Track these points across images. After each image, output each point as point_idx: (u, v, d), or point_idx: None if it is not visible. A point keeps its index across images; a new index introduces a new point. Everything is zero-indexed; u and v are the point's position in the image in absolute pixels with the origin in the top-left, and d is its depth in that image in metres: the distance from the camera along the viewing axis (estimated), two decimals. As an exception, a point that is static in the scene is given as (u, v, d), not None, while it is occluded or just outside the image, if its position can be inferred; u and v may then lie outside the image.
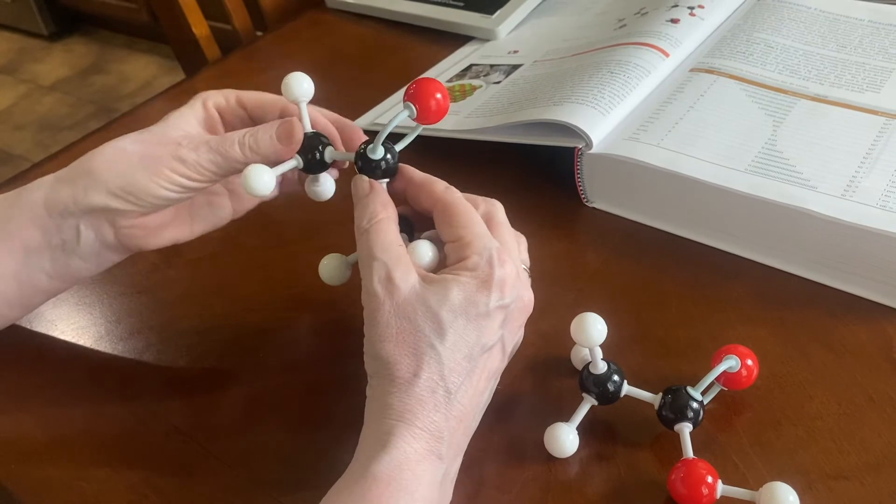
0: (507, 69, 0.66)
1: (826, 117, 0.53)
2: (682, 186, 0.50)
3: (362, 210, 0.38)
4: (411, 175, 0.40)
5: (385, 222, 0.37)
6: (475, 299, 0.36)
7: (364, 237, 0.37)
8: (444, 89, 0.38)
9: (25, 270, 0.43)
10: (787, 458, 0.39)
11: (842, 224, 0.45)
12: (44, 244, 0.42)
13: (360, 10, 0.82)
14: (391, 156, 0.40)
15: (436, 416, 0.35)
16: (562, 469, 0.39)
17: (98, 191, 0.40)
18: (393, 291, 0.35)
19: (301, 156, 0.41)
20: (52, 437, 0.43)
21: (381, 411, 0.35)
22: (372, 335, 0.36)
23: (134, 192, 0.40)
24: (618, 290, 0.49)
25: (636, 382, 0.40)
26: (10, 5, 2.54)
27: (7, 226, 0.42)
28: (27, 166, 0.70)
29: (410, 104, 0.38)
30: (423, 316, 0.35)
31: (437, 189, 0.39)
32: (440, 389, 0.35)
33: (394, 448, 0.34)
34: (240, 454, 0.41)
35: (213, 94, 0.44)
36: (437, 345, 0.35)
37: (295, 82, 0.41)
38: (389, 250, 0.36)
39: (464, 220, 0.38)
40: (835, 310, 0.45)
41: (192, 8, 0.85)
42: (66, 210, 0.41)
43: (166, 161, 0.40)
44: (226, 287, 0.51)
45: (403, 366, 0.35)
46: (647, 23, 0.63)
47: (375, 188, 0.39)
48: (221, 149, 0.40)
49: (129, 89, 2.29)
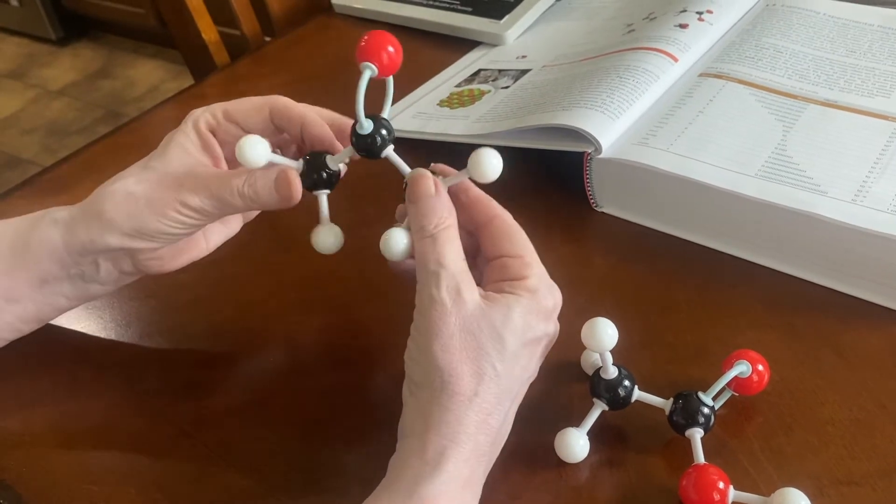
0: (516, 74, 0.66)
1: (836, 122, 0.53)
2: (691, 191, 0.50)
3: (428, 212, 0.37)
4: (468, 187, 0.39)
5: (452, 230, 0.37)
6: (532, 324, 0.36)
7: (430, 243, 0.36)
8: (393, 39, 0.38)
9: (43, 296, 0.44)
10: (798, 464, 0.38)
11: (852, 229, 0.45)
12: (62, 275, 0.43)
13: (368, 14, 0.82)
14: (384, 124, 0.39)
15: (484, 441, 0.35)
16: (572, 474, 0.39)
17: (112, 233, 0.41)
18: (460, 305, 0.35)
19: (306, 181, 0.41)
20: (61, 440, 0.43)
21: (431, 428, 0.34)
22: (430, 343, 0.35)
23: (146, 233, 0.41)
24: (627, 294, 0.48)
25: (646, 387, 0.40)
26: (19, 11, 2.55)
27: (25, 256, 0.42)
28: (35, 170, 0.71)
29: (369, 63, 0.38)
30: (488, 335, 0.35)
31: (496, 206, 0.39)
32: (495, 413, 0.35)
33: (444, 472, 0.33)
34: (249, 458, 0.41)
35: (202, 115, 0.43)
36: (498, 365, 0.35)
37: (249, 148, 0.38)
38: (458, 262, 0.36)
39: (523, 241, 0.38)
40: (845, 315, 0.45)
41: (202, 13, 0.85)
42: (85, 249, 0.42)
43: (171, 204, 0.40)
44: (235, 291, 0.51)
45: (465, 382, 0.34)
46: (655, 28, 0.63)
47: (440, 190, 0.37)
48: (222, 197, 0.40)
49: (136, 93, 2.30)
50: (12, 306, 0.43)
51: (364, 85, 0.38)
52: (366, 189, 0.53)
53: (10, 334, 0.45)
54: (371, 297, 0.50)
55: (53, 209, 0.44)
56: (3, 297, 0.43)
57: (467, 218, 0.39)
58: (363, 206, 0.54)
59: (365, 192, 0.53)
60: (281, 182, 0.40)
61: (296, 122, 0.43)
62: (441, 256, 0.36)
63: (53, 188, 0.63)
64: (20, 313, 0.44)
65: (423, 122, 0.62)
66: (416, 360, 0.36)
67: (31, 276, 0.43)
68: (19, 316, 0.44)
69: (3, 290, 0.43)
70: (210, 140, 0.43)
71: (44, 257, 0.42)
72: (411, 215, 0.37)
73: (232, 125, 0.43)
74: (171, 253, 0.44)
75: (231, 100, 0.44)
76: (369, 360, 0.47)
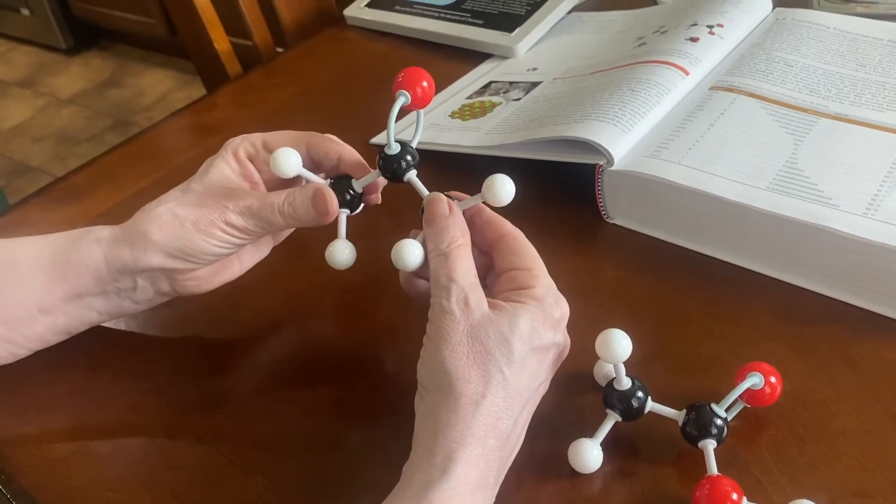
0: (527, 86, 0.67)
1: (846, 136, 0.53)
2: (702, 204, 0.50)
3: (441, 232, 0.39)
4: (482, 209, 0.41)
5: (464, 248, 0.39)
6: (540, 331, 0.37)
7: (444, 260, 0.38)
8: (428, 76, 0.42)
9: (76, 309, 0.45)
10: (811, 476, 0.39)
11: (864, 242, 0.45)
12: (98, 291, 0.45)
13: (379, 27, 0.83)
14: (410, 150, 0.41)
15: (494, 445, 0.35)
16: (585, 485, 0.39)
17: (156, 253, 0.43)
18: (469, 313, 0.36)
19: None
20: (78, 447, 0.44)
21: (440, 431, 0.35)
22: (440, 350, 0.36)
23: (191, 253, 0.43)
24: (638, 306, 0.49)
25: (657, 398, 0.40)
26: (30, 20, 2.58)
27: (66, 270, 0.44)
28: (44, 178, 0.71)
29: (404, 91, 0.41)
30: (496, 340, 0.36)
31: (507, 224, 0.41)
32: (504, 418, 0.36)
33: (453, 476, 0.34)
34: (264, 466, 0.42)
35: (241, 144, 0.45)
36: (505, 370, 0.36)
37: (285, 160, 0.42)
38: (468, 277, 0.38)
39: (533, 255, 0.40)
40: (857, 327, 0.45)
41: (215, 24, 0.86)
42: (126, 268, 0.44)
43: (218, 224, 0.42)
44: (250, 299, 0.52)
45: (472, 385, 0.35)
46: (666, 41, 0.64)
47: (454, 211, 0.40)
48: (264, 215, 0.43)
49: (145, 103, 2.31)
50: (45, 317, 0.45)
51: (396, 109, 0.41)
52: (384, 201, 0.53)
53: (37, 345, 0.46)
54: (385, 306, 0.50)
55: (97, 228, 0.45)
56: (37, 308, 0.44)
57: (481, 238, 0.41)
58: (378, 215, 0.55)
59: (382, 204, 0.54)
60: (318, 198, 0.42)
61: (332, 156, 0.45)
62: (452, 272, 0.38)
63: (67, 197, 0.63)
64: (51, 325, 0.45)
65: (436, 134, 0.62)
66: (427, 366, 0.37)
67: (69, 289, 0.44)
68: (50, 327, 0.45)
69: (39, 301, 0.44)
70: (248, 167, 0.45)
71: (84, 273, 0.44)
72: (427, 235, 0.39)
73: (269, 154, 0.45)
74: (207, 274, 0.46)
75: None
76: (384, 369, 0.47)
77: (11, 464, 0.43)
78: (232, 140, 0.46)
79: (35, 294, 0.44)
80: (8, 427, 0.45)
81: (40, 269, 0.44)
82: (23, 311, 0.44)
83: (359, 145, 0.46)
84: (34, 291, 0.44)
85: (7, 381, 0.47)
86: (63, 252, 0.44)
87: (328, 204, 0.42)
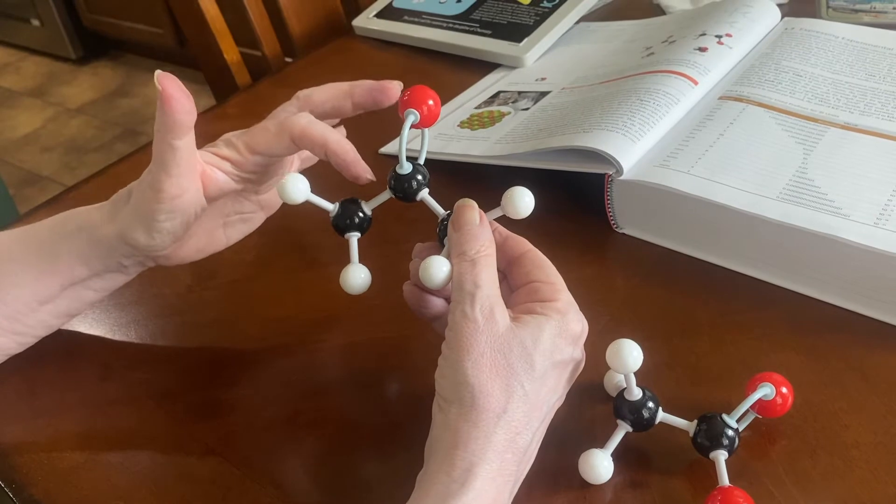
0: (536, 96, 0.67)
1: (856, 145, 0.53)
2: (712, 213, 0.50)
3: (471, 239, 0.38)
4: (499, 228, 0.41)
5: (491, 258, 0.38)
6: (560, 346, 0.37)
7: (470, 266, 0.38)
8: (434, 94, 0.41)
9: (74, 292, 0.46)
10: (823, 488, 0.38)
11: (875, 252, 0.45)
12: (92, 275, 0.46)
13: (388, 37, 0.83)
14: (420, 169, 0.41)
15: (511, 460, 0.35)
16: (596, 496, 0.39)
17: (135, 228, 0.43)
18: (492, 324, 0.36)
19: (340, 223, 0.42)
20: (88, 456, 0.44)
21: (460, 444, 0.35)
22: (462, 360, 0.35)
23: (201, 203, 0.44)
24: (649, 316, 0.49)
25: (668, 409, 0.40)
26: (41, 30, 2.60)
27: (55, 263, 0.45)
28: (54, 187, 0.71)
29: (413, 110, 0.40)
30: (518, 354, 0.36)
31: (528, 243, 0.41)
32: (524, 433, 0.36)
33: (472, 489, 0.34)
34: (274, 476, 0.42)
35: (227, 150, 0.45)
36: (527, 384, 0.36)
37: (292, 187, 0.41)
38: (493, 287, 0.37)
39: (554, 271, 0.40)
40: (869, 338, 0.45)
41: (224, 34, 0.87)
42: (112, 249, 0.44)
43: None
44: (260, 309, 0.52)
45: (494, 399, 0.35)
46: (675, 51, 0.64)
47: (485, 221, 0.39)
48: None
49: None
50: (46, 306, 0.46)
51: (407, 128, 0.40)
52: (392, 208, 0.53)
53: (43, 331, 0.47)
54: (395, 316, 0.50)
55: (76, 212, 0.46)
56: (36, 300, 0.45)
57: (500, 255, 0.40)
58: (389, 224, 0.55)
59: (390, 211, 0.54)
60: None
61: (318, 143, 0.43)
62: (478, 278, 0.37)
63: (77, 206, 0.63)
64: (53, 311, 0.46)
65: (444, 143, 0.62)
66: (447, 376, 0.36)
67: (63, 280, 0.45)
68: (52, 314, 0.46)
69: (36, 293, 0.45)
70: (207, 171, 0.45)
71: (75, 263, 0.45)
72: (454, 242, 0.39)
73: (258, 156, 0.45)
74: (192, 250, 0.46)
75: (253, 116, 0.46)
76: (394, 380, 0.47)
77: (21, 473, 0.43)
78: (225, 134, 0.46)
79: (30, 287, 0.45)
80: (18, 436, 0.45)
81: (30, 265, 0.45)
82: (23, 305, 0.45)
83: (368, 155, 0.46)
84: (29, 286, 0.45)
85: (17, 389, 0.47)
86: (47, 246, 0.45)
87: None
